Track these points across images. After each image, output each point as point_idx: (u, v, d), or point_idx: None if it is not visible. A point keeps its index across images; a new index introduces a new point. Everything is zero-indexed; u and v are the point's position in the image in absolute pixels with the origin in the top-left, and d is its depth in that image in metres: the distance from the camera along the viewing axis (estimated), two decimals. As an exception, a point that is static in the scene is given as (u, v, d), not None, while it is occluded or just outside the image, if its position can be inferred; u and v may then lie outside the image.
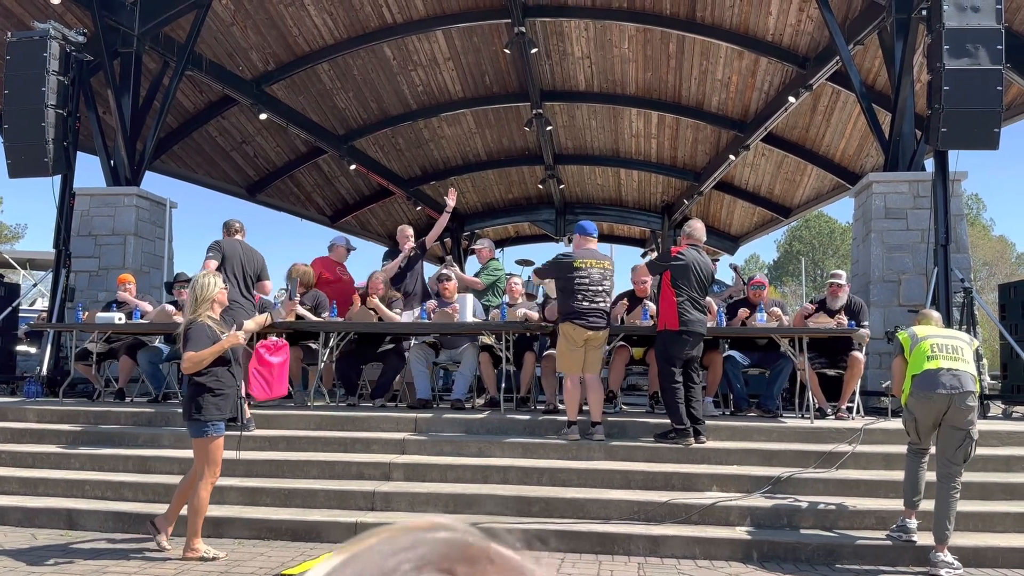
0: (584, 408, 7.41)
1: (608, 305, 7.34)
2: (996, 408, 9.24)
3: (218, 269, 7.58)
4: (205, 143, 15.10)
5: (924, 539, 5.56)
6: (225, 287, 5.73)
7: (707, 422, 7.27)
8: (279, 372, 6.92)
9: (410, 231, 10.04)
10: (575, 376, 7.18)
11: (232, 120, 15.01)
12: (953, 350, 5.55)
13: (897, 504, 6.08)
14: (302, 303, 9.01)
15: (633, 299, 8.87)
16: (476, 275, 10.16)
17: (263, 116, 14.05)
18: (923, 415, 5.53)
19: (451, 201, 9.26)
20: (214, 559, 5.31)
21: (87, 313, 9.29)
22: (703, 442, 6.97)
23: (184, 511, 5.50)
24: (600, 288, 7.17)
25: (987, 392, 9.15)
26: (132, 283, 9.45)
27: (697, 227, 7.53)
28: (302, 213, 19.07)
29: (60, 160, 9.75)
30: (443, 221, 9.72)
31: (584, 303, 7.09)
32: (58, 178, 10.33)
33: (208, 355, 5.36)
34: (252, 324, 6.07)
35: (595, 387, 7.25)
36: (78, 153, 10.82)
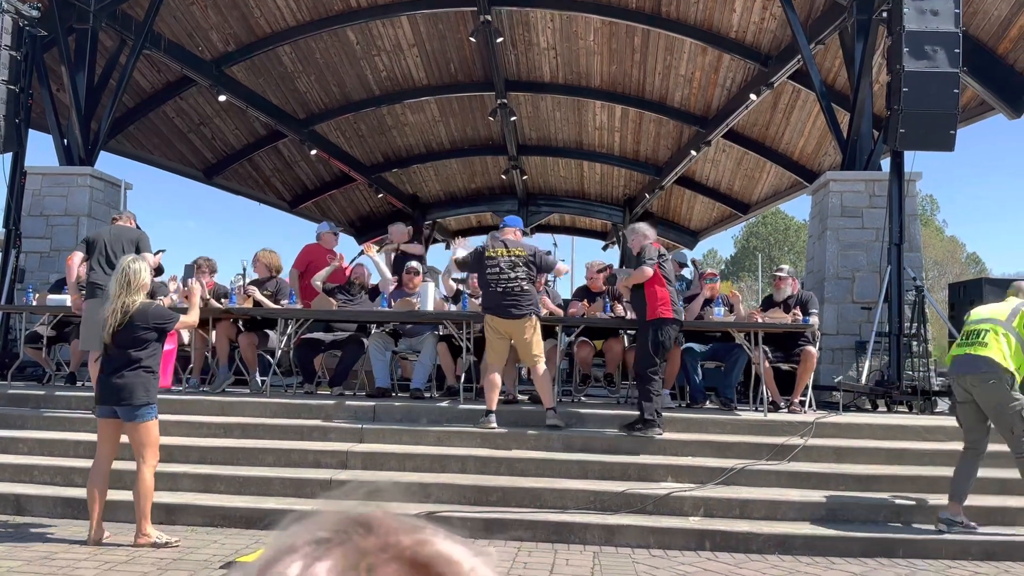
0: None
1: (523, 288, 7.19)
2: (943, 404, 9.47)
3: (86, 258, 7.58)
4: (162, 124, 14.81)
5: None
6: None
7: (664, 414, 7.34)
8: (164, 361, 6.80)
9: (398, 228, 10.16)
10: (495, 368, 7.22)
11: (190, 101, 14.73)
12: (977, 335, 5.85)
13: (846, 495, 6.22)
14: (264, 289, 8.92)
15: (589, 296, 8.97)
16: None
17: (222, 98, 13.81)
18: (958, 396, 5.96)
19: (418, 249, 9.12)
20: (167, 544, 5.24)
21: (37, 295, 9.07)
22: (660, 434, 7.05)
23: (106, 497, 5.41)
24: (512, 275, 7.16)
25: (936, 388, 9.38)
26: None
27: (649, 230, 7.59)
28: (261, 198, 18.80)
29: (11, 137, 9.50)
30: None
31: (496, 292, 7.15)
32: (8, 156, 10.06)
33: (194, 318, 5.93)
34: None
35: (539, 376, 7.27)
36: (31, 131, 10.53)
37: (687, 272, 11.92)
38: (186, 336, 8.92)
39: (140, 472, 5.30)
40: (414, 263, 9.28)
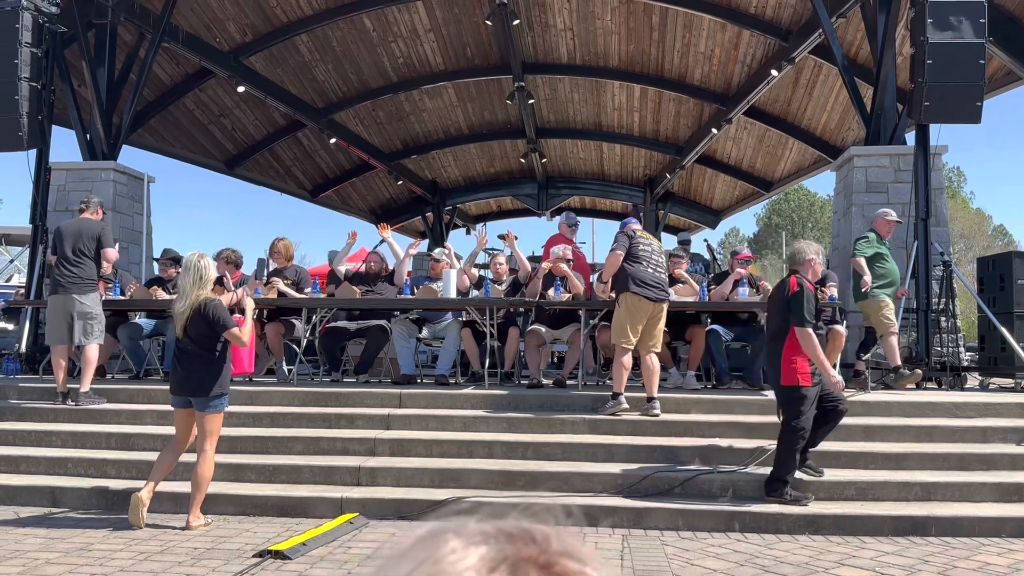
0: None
1: (667, 279, 7.32)
2: (973, 380, 9.38)
3: (54, 252, 7.89)
4: (183, 116, 14.89)
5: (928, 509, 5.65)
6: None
7: (690, 395, 7.32)
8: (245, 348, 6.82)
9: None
10: (629, 349, 7.12)
11: (210, 93, 14.80)
12: None
13: (876, 475, 6.17)
14: (284, 278, 8.97)
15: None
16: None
17: (241, 89, 13.86)
18: None
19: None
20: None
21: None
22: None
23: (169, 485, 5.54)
24: (660, 259, 7.25)
25: (964, 364, 9.27)
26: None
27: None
28: (282, 187, 18.88)
29: (35, 134, 9.58)
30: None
31: (649, 272, 7.08)
32: (33, 152, 10.16)
33: (251, 325, 5.88)
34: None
35: (650, 365, 7.17)
36: (53, 127, 10.64)
37: (704, 253, 11.85)
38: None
39: (203, 459, 5.56)
40: (437, 250, 9.30)
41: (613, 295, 7.35)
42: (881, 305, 7.94)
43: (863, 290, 7.90)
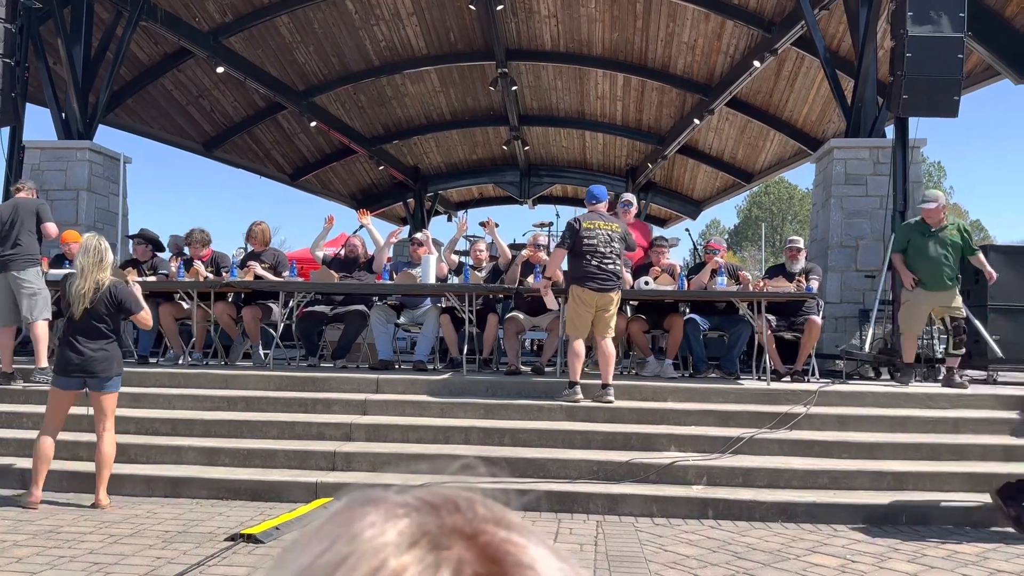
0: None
1: (615, 262, 7.22)
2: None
3: None
4: (160, 96, 14.69)
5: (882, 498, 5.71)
6: None
7: (667, 384, 7.33)
8: None
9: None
10: (579, 339, 7.14)
11: (188, 73, 14.61)
12: None
13: (849, 464, 6.22)
14: (262, 262, 8.90)
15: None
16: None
17: (220, 69, 13.69)
18: None
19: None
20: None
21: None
22: None
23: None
24: (608, 250, 7.14)
25: (938, 356, 9.35)
26: (79, 241, 9.16)
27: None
28: (261, 171, 18.70)
29: (8, 111, 9.43)
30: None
31: (593, 264, 7.07)
32: (6, 130, 10.00)
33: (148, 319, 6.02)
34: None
35: (605, 351, 7.17)
36: (28, 105, 10.46)
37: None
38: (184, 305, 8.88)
39: (106, 439, 5.63)
40: (419, 234, 9.26)
41: (550, 294, 7.56)
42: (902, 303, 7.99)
43: (910, 289, 7.82)
